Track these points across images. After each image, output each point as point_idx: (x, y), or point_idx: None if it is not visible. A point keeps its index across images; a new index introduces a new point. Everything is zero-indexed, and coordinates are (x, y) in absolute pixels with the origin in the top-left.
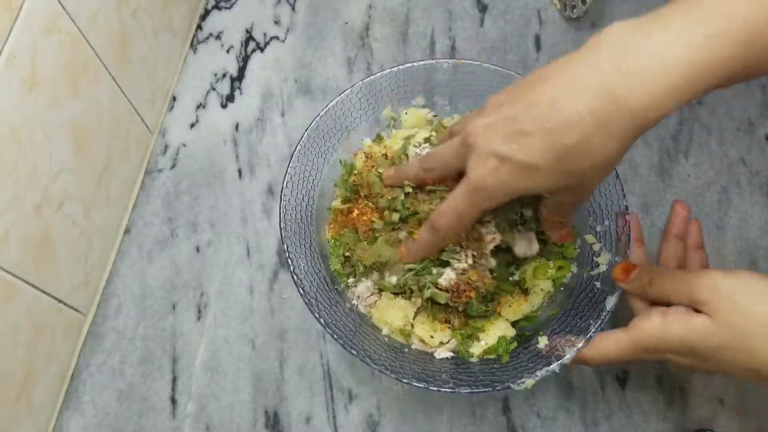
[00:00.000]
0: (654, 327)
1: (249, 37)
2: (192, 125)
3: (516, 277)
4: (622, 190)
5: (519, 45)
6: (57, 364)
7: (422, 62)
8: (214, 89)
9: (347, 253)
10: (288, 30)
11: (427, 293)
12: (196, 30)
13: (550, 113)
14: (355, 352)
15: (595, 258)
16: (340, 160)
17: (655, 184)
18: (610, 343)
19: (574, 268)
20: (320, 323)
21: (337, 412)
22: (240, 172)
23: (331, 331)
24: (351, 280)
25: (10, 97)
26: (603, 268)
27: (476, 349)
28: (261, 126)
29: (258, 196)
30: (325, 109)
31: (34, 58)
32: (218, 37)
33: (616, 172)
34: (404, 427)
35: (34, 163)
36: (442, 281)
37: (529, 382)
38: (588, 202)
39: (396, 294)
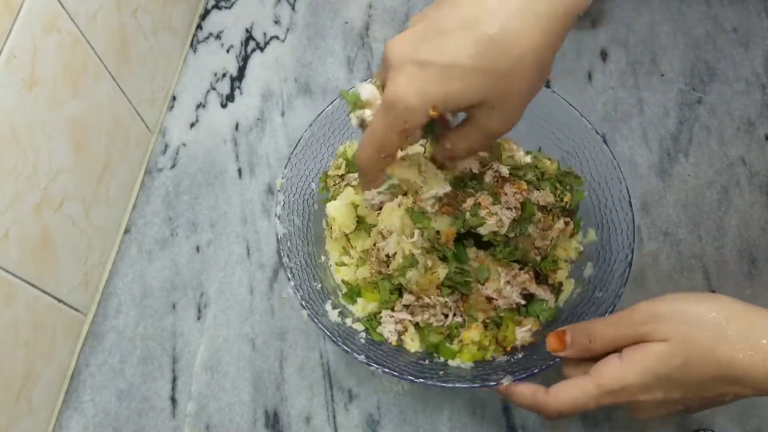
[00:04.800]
0: (614, 366)
1: (249, 37)
2: (192, 125)
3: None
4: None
5: None
6: (57, 363)
7: None
8: (214, 89)
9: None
10: (288, 30)
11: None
12: (196, 30)
13: (474, 7)
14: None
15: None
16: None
17: (655, 184)
18: (573, 391)
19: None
20: (320, 327)
21: (337, 411)
22: (240, 171)
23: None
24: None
25: (10, 97)
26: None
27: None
28: (261, 126)
29: (258, 196)
30: (323, 111)
31: (34, 58)
32: (218, 37)
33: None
34: (404, 427)
35: (34, 163)
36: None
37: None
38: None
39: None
